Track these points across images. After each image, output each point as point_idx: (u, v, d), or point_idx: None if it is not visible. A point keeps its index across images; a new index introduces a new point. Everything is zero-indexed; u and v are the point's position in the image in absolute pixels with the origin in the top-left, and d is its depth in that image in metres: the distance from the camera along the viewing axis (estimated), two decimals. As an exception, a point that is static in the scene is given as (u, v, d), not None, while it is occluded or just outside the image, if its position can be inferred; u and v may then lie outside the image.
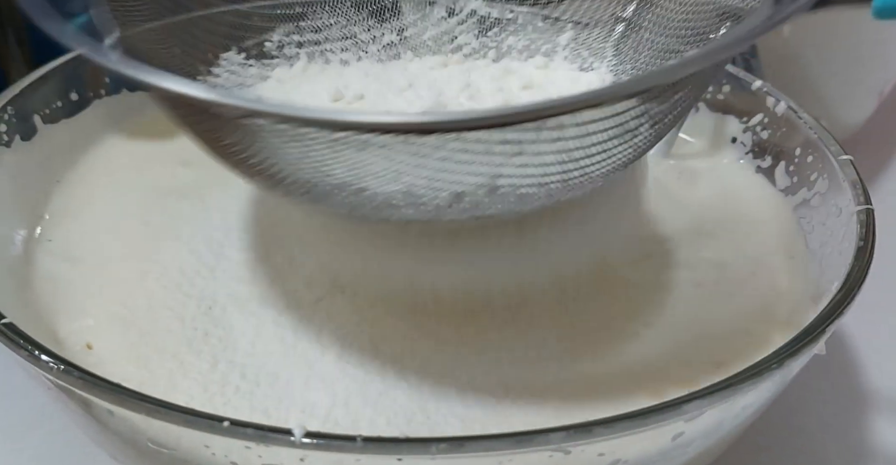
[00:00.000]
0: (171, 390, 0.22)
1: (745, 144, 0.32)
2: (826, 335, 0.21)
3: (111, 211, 0.29)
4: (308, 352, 0.24)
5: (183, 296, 0.26)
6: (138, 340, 0.24)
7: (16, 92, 0.29)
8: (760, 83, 0.31)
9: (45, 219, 0.29)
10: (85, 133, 0.32)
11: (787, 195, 0.30)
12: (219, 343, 0.24)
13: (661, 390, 0.23)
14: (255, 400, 0.22)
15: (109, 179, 0.31)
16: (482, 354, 0.24)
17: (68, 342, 0.24)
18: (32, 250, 0.27)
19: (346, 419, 0.22)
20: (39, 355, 0.20)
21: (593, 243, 0.26)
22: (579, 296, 0.26)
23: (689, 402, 0.19)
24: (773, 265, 0.28)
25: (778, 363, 0.20)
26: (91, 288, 0.26)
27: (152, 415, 0.18)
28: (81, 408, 0.20)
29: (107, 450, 0.23)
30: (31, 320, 0.24)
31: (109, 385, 0.19)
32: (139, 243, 0.28)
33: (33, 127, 0.30)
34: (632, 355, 0.24)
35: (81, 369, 0.19)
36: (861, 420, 0.29)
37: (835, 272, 0.24)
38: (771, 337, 0.24)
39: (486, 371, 0.23)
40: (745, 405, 0.21)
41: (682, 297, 0.26)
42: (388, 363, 0.23)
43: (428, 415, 0.22)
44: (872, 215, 0.24)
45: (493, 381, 0.23)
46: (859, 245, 0.23)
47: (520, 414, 0.22)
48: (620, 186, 0.27)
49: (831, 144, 0.27)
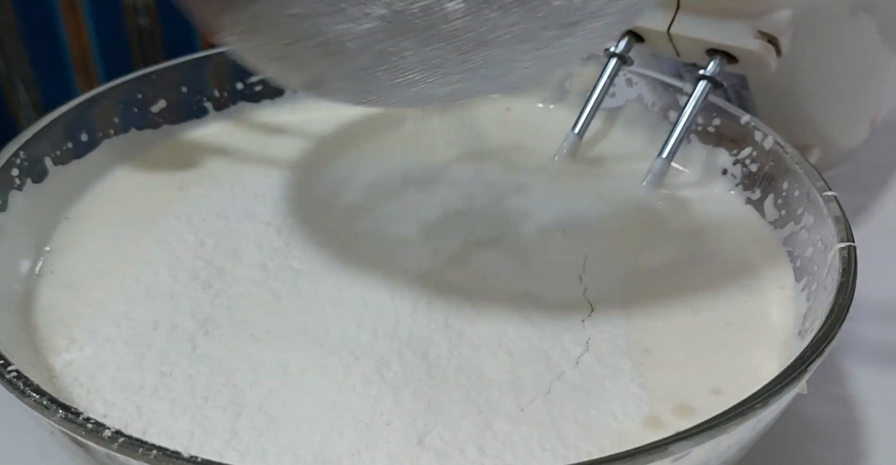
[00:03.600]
0: (172, 421, 0.23)
1: (735, 175, 0.33)
2: (807, 375, 0.21)
3: (111, 240, 0.30)
4: (311, 382, 0.24)
5: (177, 315, 0.27)
6: (135, 367, 0.25)
7: (28, 137, 0.30)
8: (749, 117, 0.32)
9: (47, 251, 0.30)
10: (94, 171, 0.34)
11: (776, 228, 0.31)
12: (220, 372, 0.25)
13: (659, 417, 0.23)
14: (262, 438, 0.23)
15: (112, 210, 0.32)
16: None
17: (63, 375, 0.25)
18: (34, 284, 0.28)
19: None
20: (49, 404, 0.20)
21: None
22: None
23: (675, 443, 0.19)
24: (765, 296, 0.28)
25: (761, 403, 0.20)
26: (88, 317, 0.27)
27: (151, 462, 0.19)
28: (84, 451, 0.21)
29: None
30: (30, 354, 0.25)
31: (106, 432, 0.20)
32: (136, 270, 0.29)
33: (44, 169, 0.31)
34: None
35: (80, 414, 0.20)
36: (858, 449, 0.30)
37: (819, 308, 0.24)
38: (765, 367, 0.25)
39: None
40: (729, 444, 0.21)
41: (680, 323, 0.27)
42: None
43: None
44: (854, 253, 0.25)
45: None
46: (841, 281, 0.24)
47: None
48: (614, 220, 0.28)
49: (816, 179, 0.28)
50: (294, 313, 0.27)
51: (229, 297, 0.28)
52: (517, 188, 0.34)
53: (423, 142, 0.37)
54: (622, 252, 0.30)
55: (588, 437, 0.23)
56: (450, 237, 0.30)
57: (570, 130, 0.36)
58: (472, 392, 0.24)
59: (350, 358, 0.25)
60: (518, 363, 0.25)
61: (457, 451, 0.22)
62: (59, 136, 0.32)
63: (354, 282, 0.28)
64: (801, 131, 0.37)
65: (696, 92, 0.33)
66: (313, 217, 0.32)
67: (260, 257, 0.30)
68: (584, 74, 0.37)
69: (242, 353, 0.26)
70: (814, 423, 0.31)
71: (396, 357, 0.25)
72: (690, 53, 0.34)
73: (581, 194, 0.33)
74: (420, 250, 0.30)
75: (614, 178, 0.35)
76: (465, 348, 0.26)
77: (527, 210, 0.32)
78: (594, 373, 0.25)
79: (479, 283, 0.28)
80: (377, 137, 0.38)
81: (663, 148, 0.33)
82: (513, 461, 0.22)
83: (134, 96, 0.35)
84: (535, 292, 0.28)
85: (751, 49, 0.31)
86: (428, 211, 0.32)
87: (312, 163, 0.35)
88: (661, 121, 0.36)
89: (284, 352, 0.26)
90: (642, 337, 0.26)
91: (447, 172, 0.35)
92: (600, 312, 0.27)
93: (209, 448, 0.22)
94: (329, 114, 0.38)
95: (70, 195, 0.32)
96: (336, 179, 0.34)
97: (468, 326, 0.26)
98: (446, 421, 0.23)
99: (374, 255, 0.29)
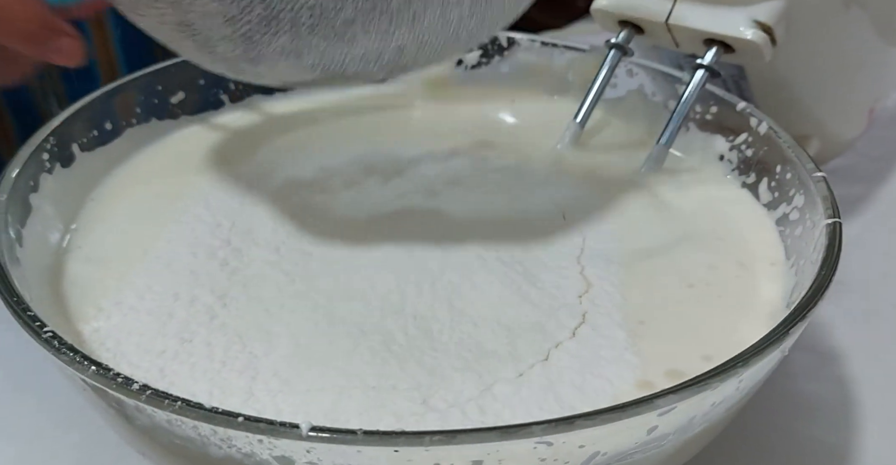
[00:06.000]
0: (193, 383, 0.25)
1: (731, 161, 0.34)
2: (788, 340, 0.22)
3: (133, 220, 0.32)
4: (322, 352, 0.26)
5: (196, 289, 0.28)
6: (157, 334, 0.26)
7: (56, 123, 0.32)
8: (744, 104, 0.33)
9: (73, 229, 0.31)
10: (117, 157, 0.35)
11: (769, 209, 0.32)
12: (236, 341, 0.26)
13: (652, 381, 0.25)
14: (276, 399, 0.24)
15: (134, 192, 0.34)
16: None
17: (91, 341, 0.26)
18: (62, 258, 0.30)
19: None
20: (81, 360, 0.22)
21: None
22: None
23: (660, 397, 0.21)
24: (756, 271, 0.30)
25: (743, 363, 0.22)
26: (113, 289, 0.28)
27: (176, 412, 0.20)
28: (113, 408, 0.23)
29: (135, 447, 0.25)
30: (60, 321, 0.27)
31: (134, 385, 0.21)
32: (157, 248, 0.30)
33: (72, 154, 0.33)
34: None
35: (111, 370, 0.21)
36: (845, 418, 0.31)
37: (806, 281, 0.25)
38: (754, 335, 0.26)
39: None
40: (714, 402, 0.22)
41: (675, 297, 0.28)
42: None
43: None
44: (839, 228, 0.26)
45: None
46: (825, 256, 0.25)
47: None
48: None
49: (806, 161, 0.29)
50: (306, 293, 0.28)
51: (245, 276, 0.29)
52: (519, 174, 0.35)
53: (432, 130, 0.39)
54: (620, 233, 0.32)
55: (584, 398, 0.24)
56: (455, 221, 0.32)
57: (573, 119, 0.37)
58: (473, 361, 0.26)
59: (358, 333, 0.27)
60: (516, 336, 0.26)
61: (459, 411, 0.24)
62: (85, 124, 0.34)
63: (363, 265, 0.30)
64: (799, 122, 0.37)
65: (694, 80, 0.34)
66: (325, 202, 0.33)
67: (274, 239, 0.31)
68: (586, 66, 0.39)
69: (257, 325, 0.27)
70: (805, 401, 0.32)
71: (402, 332, 0.27)
72: (689, 44, 0.35)
73: (581, 180, 0.35)
74: (425, 235, 0.31)
75: (614, 165, 0.36)
76: (466, 325, 0.27)
77: (527, 195, 0.34)
78: (590, 342, 0.26)
79: (480, 264, 0.29)
80: (386, 126, 0.39)
81: (662, 134, 0.34)
82: (511, 420, 0.23)
83: (154, 88, 0.37)
84: (534, 272, 0.29)
85: (746, 38, 0.32)
86: (440, 195, 0.33)
87: (325, 150, 0.37)
88: (661, 111, 0.37)
89: (296, 326, 0.27)
90: (638, 310, 0.28)
91: (456, 158, 0.36)
92: (597, 288, 0.29)
93: (227, 406, 0.23)
94: (337, 102, 0.39)
95: (95, 178, 0.34)
96: (349, 165, 0.36)
97: (469, 305, 0.28)
98: (448, 385, 0.25)
99: (382, 239, 0.31)
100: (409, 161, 0.36)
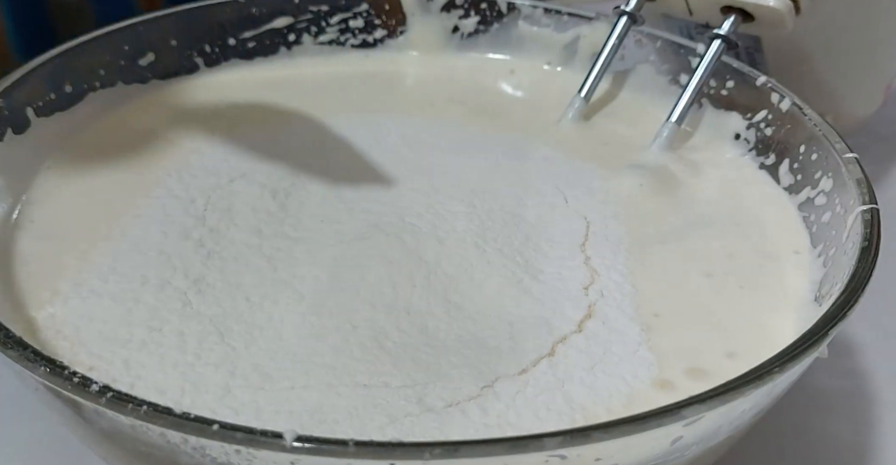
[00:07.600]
0: (162, 377, 0.22)
1: (748, 140, 0.32)
2: (828, 339, 0.20)
3: (95, 191, 0.29)
4: (308, 347, 0.23)
5: (167, 272, 0.26)
6: (122, 321, 0.24)
7: (7, 84, 0.29)
8: (765, 79, 0.31)
9: (25, 200, 0.28)
10: (78, 123, 0.32)
11: (791, 193, 0.29)
12: (212, 331, 0.24)
13: (672, 381, 0.23)
14: (257, 396, 0.22)
15: (97, 160, 0.31)
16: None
17: (46, 328, 0.24)
18: (11, 234, 0.27)
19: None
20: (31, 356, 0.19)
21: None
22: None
23: (688, 406, 0.18)
24: (779, 260, 0.27)
25: (779, 367, 0.19)
26: (72, 269, 0.26)
27: (141, 418, 0.18)
28: (70, 409, 0.20)
29: (95, 451, 0.22)
30: (12, 307, 0.24)
31: (93, 386, 0.18)
32: (123, 223, 0.28)
33: (26, 119, 0.30)
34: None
35: (66, 369, 0.19)
36: (862, 414, 0.29)
37: (839, 273, 0.23)
38: (781, 331, 0.24)
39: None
40: (744, 410, 0.20)
41: (691, 287, 0.26)
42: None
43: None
44: (877, 215, 0.24)
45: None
46: (863, 246, 0.23)
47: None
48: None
49: (836, 141, 0.27)
50: (290, 281, 0.26)
51: (223, 259, 0.27)
52: (518, 153, 0.32)
53: (422, 102, 0.36)
54: (628, 218, 0.29)
55: (596, 399, 0.22)
56: (448, 208, 0.29)
57: (577, 93, 0.34)
58: (472, 357, 0.23)
59: (348, 327, 0.24)
60: (517, 331, 0.24)
61: (458, 411, 0.22)
62: (41, 86, 0.31)
63: (352, 254, 0.27)
64: (814, 98, 0.35)
65: (710, 52, 0.32)
66: (310, 181, 0.30)
67: (255, 220, 0.28)
68: (592, 35, 0.36)
69: (237, 314, 0.24)
70: (822, 395, 0.30)
71: (395, 328, 0.24)
72: (704, 12, 0.33)
73: (585, 160, 0.32)
74: (419, 223, 0.28)
75: (621, 143, 0.33)
76: (464, 320, 0.25)
77: (527, 177, 0.31)
78: (600, 337, 0.24)
79: (476, 255, 0.27)
80: (376, 96, 0.36)
81: (673, 110, 0.32)
82: (516, 422, 0.21)
83: (119, 48, 0.34)
84: (534, 263, 0.27)
85: (770, 5, 0.30)
86: (431, 179, 0.31)
87: (308, 122, 0.34)
88: (671, 85, 0.35)
89: (280, 317, 0.24)
90: (651, 302, 0.25)
91: (450, 131, 0.33)
92: (605, 278, 0.26)
93: (202, 404, 0.21)
94: (325, 70, 0.37)
95: (53, 145, 0.31)
96: (333, 140, 0.33)
97: (467, 300, 0.25)
98: (445, 383, 0.22)
99: (372, 226, 0.28)
100: (399, 135, 0.33)
